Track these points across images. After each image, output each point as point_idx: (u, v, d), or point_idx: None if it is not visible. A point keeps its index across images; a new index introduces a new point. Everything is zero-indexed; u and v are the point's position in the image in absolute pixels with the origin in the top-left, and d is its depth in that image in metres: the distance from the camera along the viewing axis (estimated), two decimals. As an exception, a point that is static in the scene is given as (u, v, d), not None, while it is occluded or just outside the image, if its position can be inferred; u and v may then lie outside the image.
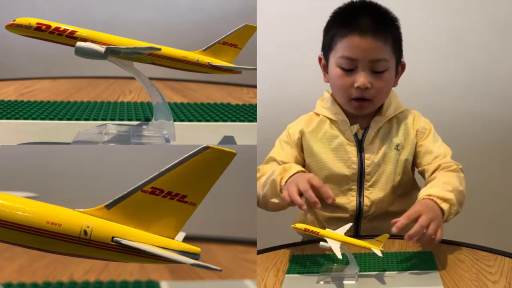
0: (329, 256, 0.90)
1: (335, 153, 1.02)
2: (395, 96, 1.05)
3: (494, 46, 1.41)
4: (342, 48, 0.97)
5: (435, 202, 0.86)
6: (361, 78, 0.95)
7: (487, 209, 1.49)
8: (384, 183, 1.01)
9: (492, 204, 1.49)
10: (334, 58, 0.99)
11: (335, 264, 0.85)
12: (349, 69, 0.97)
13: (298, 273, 0.86)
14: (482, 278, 0.80)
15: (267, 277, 0.86)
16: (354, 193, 1.01)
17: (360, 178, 1.01)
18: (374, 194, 1.01)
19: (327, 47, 1.02)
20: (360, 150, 1.01)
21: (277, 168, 0.94)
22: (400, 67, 1.03)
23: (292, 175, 0.92)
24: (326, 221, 1.05)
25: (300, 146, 1.05)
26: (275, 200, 0.94)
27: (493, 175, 1.48)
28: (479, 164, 1.47)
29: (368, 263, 0.86)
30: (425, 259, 0.86)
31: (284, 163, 1.02)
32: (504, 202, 1.50)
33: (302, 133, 1.04)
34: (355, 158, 1.01)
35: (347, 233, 1.04)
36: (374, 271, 0.84)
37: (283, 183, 0.91)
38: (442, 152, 1.00)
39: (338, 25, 0.99)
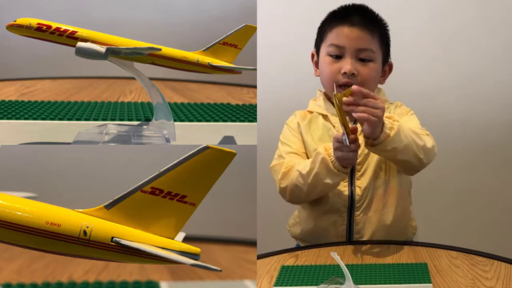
0: (321, 268, 0.89)
1: (325, 144, 1.03)
2: (383, 94, 1.10)
3: (488, 48, 1.40)
4: (332, 37, 1.04)
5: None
6: (347, 65, 1.01)
7: (482, 212, 1.46)
8: (373, 171, 1.02)
9: (488, 207, 1.46)
10: (324, 48, 1.05)
11: (331, 277, 0.82)
12: (337, 56, 1.03)
13: (287, 285, 0.83)
14: (478, 284, 0.79)
15: (261, 285, 0.84)
16: (346, 183, 1.03)
17: (351, 168, 1.02)
18: (364, 182, 1.02)
19: (319, 40, 1.08)
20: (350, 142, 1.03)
21: (319, 150, 0.96)
22: (387, 66, 1.09)
23: None
24: (320, 215, 1.05)
25: (301, 136, 1.08)
26: (329, 181, 0.95)
27: (488, 178, 1.45)
28: (473, 167, 1.44)
29: (360, 275, 0.84)
30: (419, 272, 0.84)
31: (301, 151, 1.06)
32: (500, 205, 1.47)
33: (298, 126, 1.08)
34: None
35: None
36: (366, 283, 0.82)
37: (332, 157, 0.94)
38: (413, 127, 1.00)
39: (330, 20, 1.07)
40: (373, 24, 1.04)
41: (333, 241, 1.04)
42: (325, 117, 1.07)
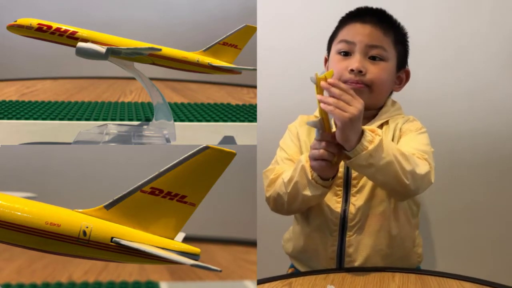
0: None
1: None
2: (398, 108, 1.02)
3: (502, 54, 1.27)
4: (342, 34, 0.99)
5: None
6: (355, 62, 0.95)
7: (497, 234, 1.29)
8: (372, 188, 0.93)
9: (503, 228, 1.29)
10: (334, 47, 1.00)
11: None
12: (346, 53, 0.97)
13: None
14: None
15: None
16: (340, 199, 0.94)
17: (347, 183, 0.95)
18: (360, 200, 0.93)
19: (330, 42, 1.03)
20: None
21: (301, 157, 0.89)
22: (404, 73, 1.02)
23: None
24: (311, 232, 0.97)
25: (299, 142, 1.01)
26: (307, 193, 0.87)
27: (504, 195, 1.29)
28: (486, 183, 1.29)
29: None
30: None
31: (297, 158, 0.97)
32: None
33: (297, 131, 1.02)
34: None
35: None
36: None
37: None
38: (413, 147, 0.91)
39: (343, 20, 1.01)
40: (387, 24, 0.99)
41: (323, 262, 0.96)
42: None
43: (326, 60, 1.05)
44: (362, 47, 0.96)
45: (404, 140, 0.95)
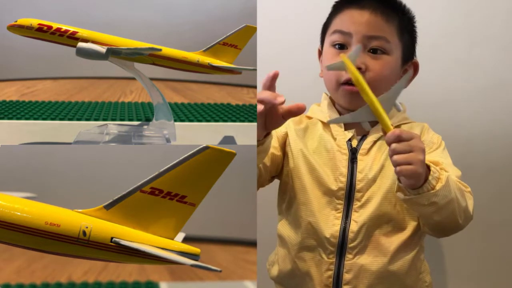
0: None
1: (321, 160, 0.84)
2: (404, 110, 0.90)
3: None
4: (337, 23, 0.85)
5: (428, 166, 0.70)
6: None
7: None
8: (379, 203, 0.80)
9: None
10: (328, 38, 0.86)
11: None
12: (342, 46, 0.83)
13: None
14: None
15: None
16: (340, 214, 0.81)
17: (349, 196, 0.81)
18: (364, 216, 0.80)
19: (324, 31, 0.89)
20: (353, 161, 0.82)
21: None
22: (412, 65, 0.88)
23: None
24: (300, 252, 0.84)
25: (283, 142, 0.87)
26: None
27: None
28: (502, 195, 1.16)
29: None
30: None
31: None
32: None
33: (288, 128, 0.88)
34: (344, 169, 0.81)
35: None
36: None
37: None
38: (449, 171, 0.78)
39: (338, 5, 0.87)
40: (390, 9, 0.83)
41: None
42: (325, 125, 0.86)
43: (320, 53, 0.91)
44: (359, 38, 0.81)
45: (435, 158, 0.82)
